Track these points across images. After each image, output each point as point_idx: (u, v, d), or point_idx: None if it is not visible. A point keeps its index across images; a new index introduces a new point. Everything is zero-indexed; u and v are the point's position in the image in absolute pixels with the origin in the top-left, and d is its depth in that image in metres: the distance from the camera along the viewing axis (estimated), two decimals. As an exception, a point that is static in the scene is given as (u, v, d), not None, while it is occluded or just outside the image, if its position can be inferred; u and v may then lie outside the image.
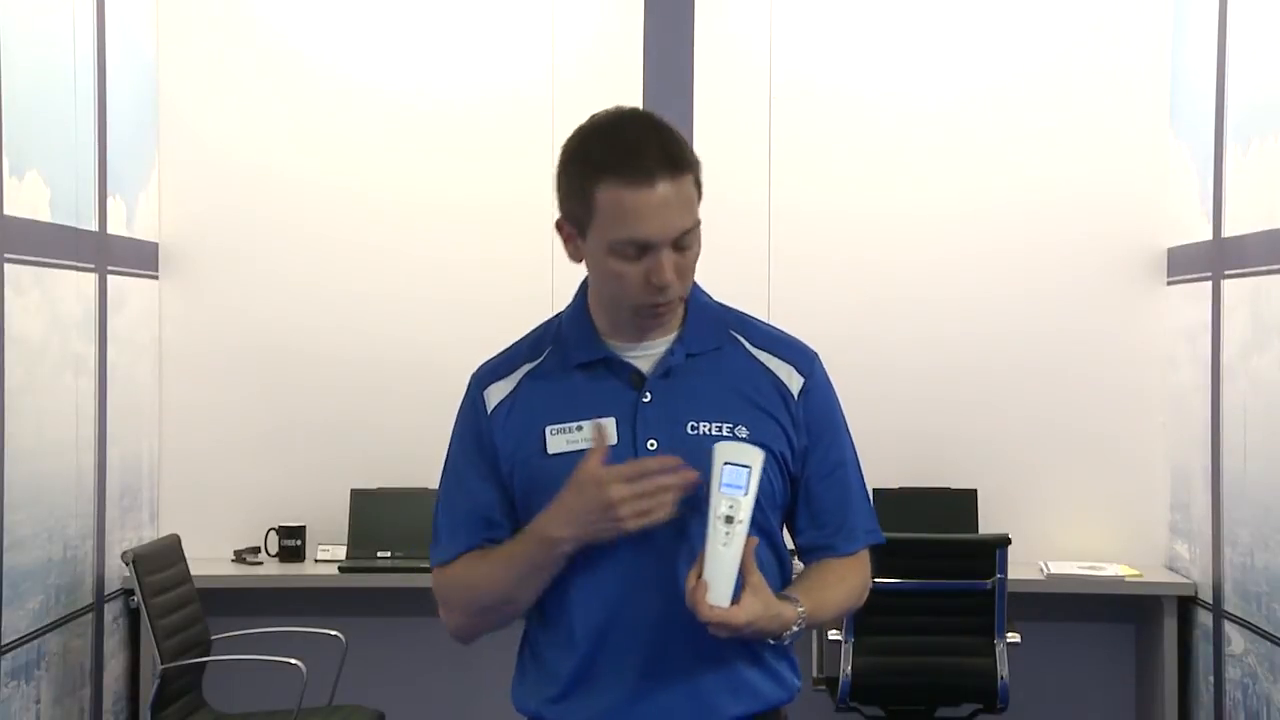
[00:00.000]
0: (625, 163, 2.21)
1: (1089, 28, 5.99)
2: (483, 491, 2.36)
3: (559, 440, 2.31)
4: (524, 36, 5.99)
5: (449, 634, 2.44)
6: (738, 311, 2.44)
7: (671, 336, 2.35)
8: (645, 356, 2.34)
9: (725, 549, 2.18)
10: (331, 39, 6.03)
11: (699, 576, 2.19)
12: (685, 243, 2.25)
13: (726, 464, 2.21)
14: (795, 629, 2.26)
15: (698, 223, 2.26)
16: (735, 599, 2.18)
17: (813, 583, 2.35)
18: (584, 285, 2.39)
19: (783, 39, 5.97)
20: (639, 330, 2.33)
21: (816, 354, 2.42)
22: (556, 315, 2.43)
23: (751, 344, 2.38)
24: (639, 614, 2.30)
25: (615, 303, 2.31)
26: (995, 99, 6.00)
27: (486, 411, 2.36)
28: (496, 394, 2.36)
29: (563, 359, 2.36)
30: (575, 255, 2.32)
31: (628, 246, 2.23)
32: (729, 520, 2.19)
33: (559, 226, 2.32)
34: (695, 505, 2.24)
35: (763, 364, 2.37)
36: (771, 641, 2.28)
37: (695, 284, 2.36)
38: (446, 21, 6.02)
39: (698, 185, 2.27)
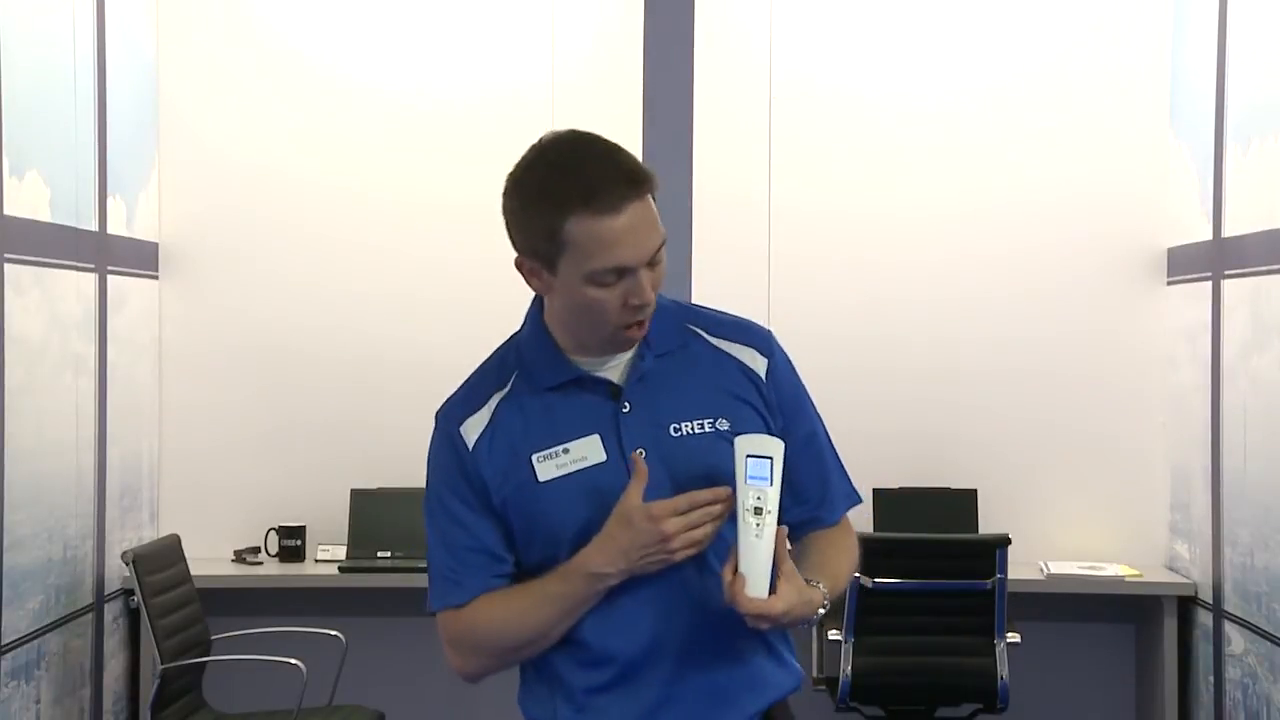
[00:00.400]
0: (592, 194, 2.17)
1: (1089, 28, 5.99)
2: (481, 527, 2.33)
3: (548, 467, 2.29)
4: (524, 37, 5.99)
5: (459, 676, 2.40)
6: (685, 304, 2.44)
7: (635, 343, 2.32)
8: (614, 368, 2.32)
9: (758, 540, 2.18)
10: (331, 39, 6.03)
11: (735, 571, 2.18)
12: (657, 258, 2.24)
13: (749, 456, 2.21)
14: (822, 610, 2.26)
15: (665, 237, 2.25)
16: (771, 589, 2.19)
17: (816, 560, 2.34)
18: (536, 305, 2.36)
19: (783, 39, 5.97)
20: (612, 348, 2.31)
21: (770, 331, 2.42)
22: (511, 338, 2.39)
23: (710, 334, 2.37)
24: (658, 628, 2.28)
25: (593, 327, 2.27)
26: (995, 99, 6.00)
27: (468, 447, 2.32)
28: (474, 428, 2.32)
29: (532, 383, 2.33)
30: (543, 289, 2.28)
31: (607, 275, 2.20)
32: (758, 512, 2.19)
33: (519, 265, 2.27)
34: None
35: (726, 352, 2.36)
36: (804, 625, 2.28)
37: None
38: (446, 21, 6.02)
39: (655, 198, 2.24)
